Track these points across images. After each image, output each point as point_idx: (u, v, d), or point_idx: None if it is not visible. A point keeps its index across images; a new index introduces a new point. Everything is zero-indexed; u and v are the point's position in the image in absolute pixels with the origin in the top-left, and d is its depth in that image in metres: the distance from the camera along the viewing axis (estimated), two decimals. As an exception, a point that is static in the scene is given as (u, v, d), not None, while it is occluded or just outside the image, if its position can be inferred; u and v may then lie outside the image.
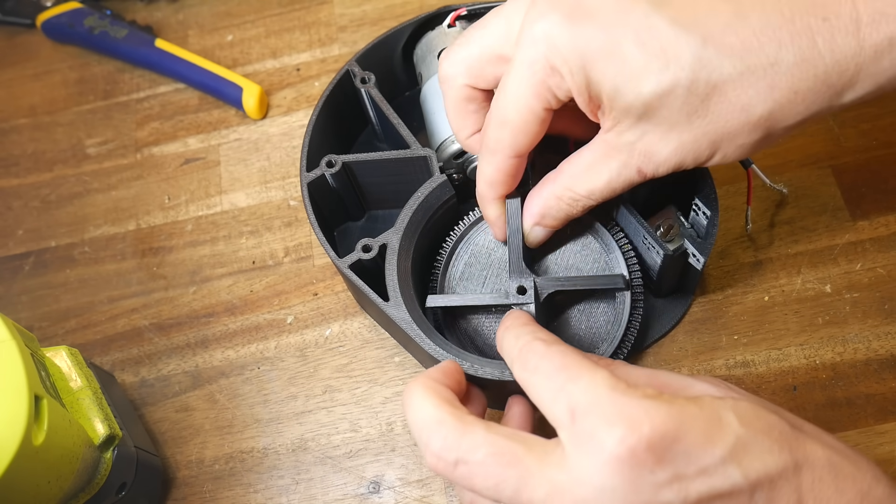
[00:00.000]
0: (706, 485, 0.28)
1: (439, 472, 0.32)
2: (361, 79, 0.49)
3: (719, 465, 0.28)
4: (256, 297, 0.52)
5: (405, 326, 0.41)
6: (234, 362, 0.50)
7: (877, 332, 0.46)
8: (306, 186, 0.46)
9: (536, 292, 0.42)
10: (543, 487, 0.29)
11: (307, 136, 0.48)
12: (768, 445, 0.29)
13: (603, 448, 0.28)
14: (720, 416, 0.29)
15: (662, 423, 0.28)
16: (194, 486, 0.47)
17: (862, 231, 0.49)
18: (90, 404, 0.42)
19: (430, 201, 0.45)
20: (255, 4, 0.63)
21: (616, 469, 0.28)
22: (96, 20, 0.61)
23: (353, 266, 0.43)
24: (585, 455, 0.29)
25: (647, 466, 0.28)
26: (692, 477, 0.28)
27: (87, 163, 0.58)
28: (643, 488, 0.28)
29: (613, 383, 0.30)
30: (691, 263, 0.43)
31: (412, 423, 0.33)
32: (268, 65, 0.61)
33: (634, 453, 0.28)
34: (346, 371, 0.49)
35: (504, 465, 0.30)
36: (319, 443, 0.47)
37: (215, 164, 0.57)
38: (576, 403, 0.30)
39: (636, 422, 0.28)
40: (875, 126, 0.53)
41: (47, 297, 0.54)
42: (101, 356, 0.51)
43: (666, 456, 0.28)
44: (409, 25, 0.51)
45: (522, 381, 0.33)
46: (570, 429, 0.30)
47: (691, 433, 0.29)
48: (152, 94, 0.60)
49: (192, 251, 0.54)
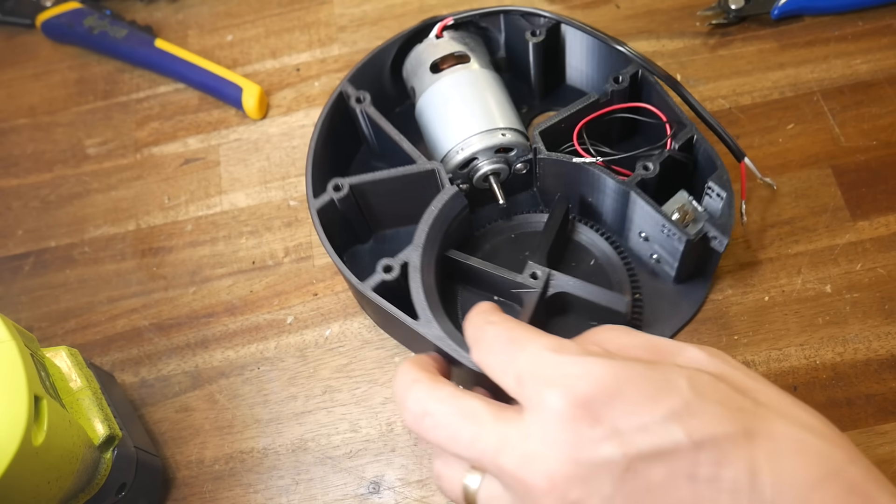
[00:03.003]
0: (646, 441, 0.29)
1: (411, 426, 0.34)
2: (356, 98, 0.49)
3: (660, 423, 0.29)
4: (256, 298, 0.52)
5: (440, 343, 0.40)
6: (234, 362, 0.50)
7: (877, 332, 0.46)
8: (316, 213, 0.45)
9: (546, 285, 0.43)
10: (495, 440, 0.31)
11: (309, 161, 0.47)
12: (718, 413, 0.29)
13: (544, 406, 0.30)
14: (670, 379, 0.30)
15: (600, 379, 0.30)
16: (194, 487, 0.47)
17: (862, 231, 0.49)
18: (90, 405, 0.42)
19: (445, 214, 0.44)
20: (255, 4, 0.63)
21: (557, 425, 0.29)
22: (96, 20, 0.61)
23: (377, 288, 0.43)
24: (533, 414, 0.30)
25: (585, 421, 0.29)
26: (630, 433, 0.29)
27: (87, 163, 0.58)
28: (583, 443, 0.29)
29: (556, 346, 0.32)
30: (713, 247, 0.44)
31: (395, 390, 0.35)
32: (268, 65, 0.61)
33: (572, 409, 0.29)
34: (345, 371, 0.49)
35: (463, 417, 0.32)
36: (319, 443, 0.47)
37: (215, 164, 0.57)
38: (521, 370, 0.32)
39: (573, 379, 0.30)
40: (875, 126, 0.53)
41: (47, 297, 0.54)
42: (101, 356, 0.51)
43: (603, 411, 0.29)
44: (397, 41, 0.51)
45: (479, 363, 0.35)
46: (520, 394, 0.31)
47: (632, 391, 0.29)
48: (152, 94, 0.60)
49: (192, 251, 0.54)
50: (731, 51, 0.57)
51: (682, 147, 0.46)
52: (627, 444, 0.29)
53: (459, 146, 0.47)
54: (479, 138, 0.47)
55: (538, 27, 0.50)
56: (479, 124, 0.47)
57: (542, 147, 0.47)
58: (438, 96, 0.48)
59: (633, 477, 0.29)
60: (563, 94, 0.55)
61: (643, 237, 0.47)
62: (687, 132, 0.45)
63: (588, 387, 0.29)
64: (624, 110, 0.48)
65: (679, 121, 0.46)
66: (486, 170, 0.47)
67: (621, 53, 0.47)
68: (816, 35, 0.56)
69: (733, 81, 0.55)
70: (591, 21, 0.59)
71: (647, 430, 0.29)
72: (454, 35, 0.51)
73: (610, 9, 0.60)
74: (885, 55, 0.55)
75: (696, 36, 0.58)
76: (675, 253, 0.45)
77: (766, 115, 0.54)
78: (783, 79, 0.55)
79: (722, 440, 0.28)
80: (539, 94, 0.54)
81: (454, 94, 0.48)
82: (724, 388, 0.30)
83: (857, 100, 0.54)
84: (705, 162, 0.46)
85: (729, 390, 0.30)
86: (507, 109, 0.48)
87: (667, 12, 0.59)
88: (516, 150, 0.48)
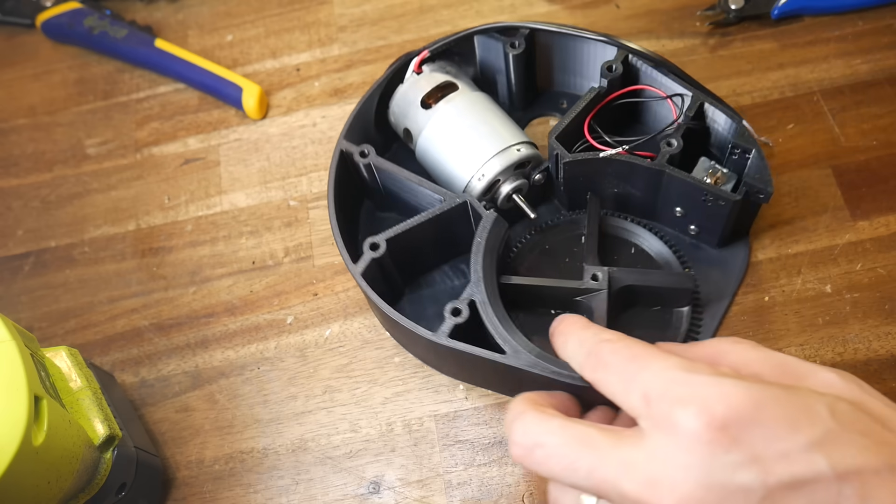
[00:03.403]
0: (787, 470, 0.27)
1: (519, 460, 0.33)
2: (360, 153, 0.47)
3: (803, 452, 0.27)
4: (256, 298, 0.52)
5: (536, 370, 0.39)
6: (234, 362, 0.50)
7: (877, 332, 0.46)
8: (362, 278, 0.44)
9: (610, 282, 0.44)
10: (616, 466, 0.29)
11: (335, 229, 0.45)
12: (862, 443, 0.28)
13: (677, 427, 0.28)
14: (811, 406, 0.28)
15: (739, 402, 0.28)
16: (194, 487, 0.47)
17: (862, 231, 0.49)
18: (90, 404, 0.42)
19: (492, 241, 0.44)
20: (255, 4, 0.63)
21: (689, 448, 0.28)
22: (96, 20, 0.61)
23: (452, 334, 0.41)
24: (661, 436, 0.29)
25: (722, 445, 0.27)
26: (772, 460, 0.27)
27: (87, 163, 0.58)
28: (718, 468, 0.27)
29: (686, 365, 0.30)
30: (757, 201, 0.44)
31: (505, 424, 0.34)
32: (267, 65, 0.61)
33: (708, 432, 0.27)
34: (345, 371, 0.49)
35: (578, 446, 0.31)
36: (319, 443, 0.47)
37: (215, 164, 0.57)
38: (649, 389, 0.30)
39: (710, 400, 0.28)
40: (875, 126, 0.53)
41: (47, 297, 0.54)
42: (101, 356, 0.51)
43: (742, 436, 0.27)
44: (378, 86, 0.50)
45: (595, 382, 0.33)
46: (647, 414, 0.30)
47: (773, 417, 0.28)
48: (152, 94, 0.60)
49: (192, 251, 0.54)
50: (731, 51, 0.57)
51: (694, 116, 0.46)
52: (767, 472, 0.27)
53: (479, 173, 0.46)
54: (497, 160, 0.46)
55: (516, 39, 0.49)
56: (493, 146, 0.46)
57: (564, 150, 0.46)
58: (440, 130, 0.48)
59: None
60: (542, 103, 0.55)
61: (679, 213, 0.47)
62: (695, 100, 0.46)
63: (726, 409, 0.28)
64: (626, 95, 0.49)
65: (680, 93, 0.47)
66: (509, 189, 0.47)
67: (605, 46, 0.48)
68: (816, 35, 0.56)
69: (733, 81, 0.55)
70: (591, 21, 0.59)
71: (788, 459, 0.27)
72: (433, 66, 0.50)
73: (610, 9, 0.60)
74: (885, 55, 0.55)
75: (696, 36, 0.58)
76: (717, 219, 0.46)
77: (766, 115, 0.54)
78: (783, 79, 0.55)
79: (866, 473, 0.27)
80: (521, 105, 0.54)
81: (457, 124, 0.47)
82: (866, 417, 0.29)
83: (857, 100, 0.54)
84: (717, 126, 0.47)
85: (870, 420, 0.29)
86: (511, 125, 0.48)
87: (667, 12, 0.59)
88: (532, 163, 0.48)
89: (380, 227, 0.45)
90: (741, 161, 0.45)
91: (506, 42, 0.49)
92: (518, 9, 0.60)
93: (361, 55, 0.60)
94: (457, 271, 0.50)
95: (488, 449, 0.46)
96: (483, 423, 0.47)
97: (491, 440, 0.46)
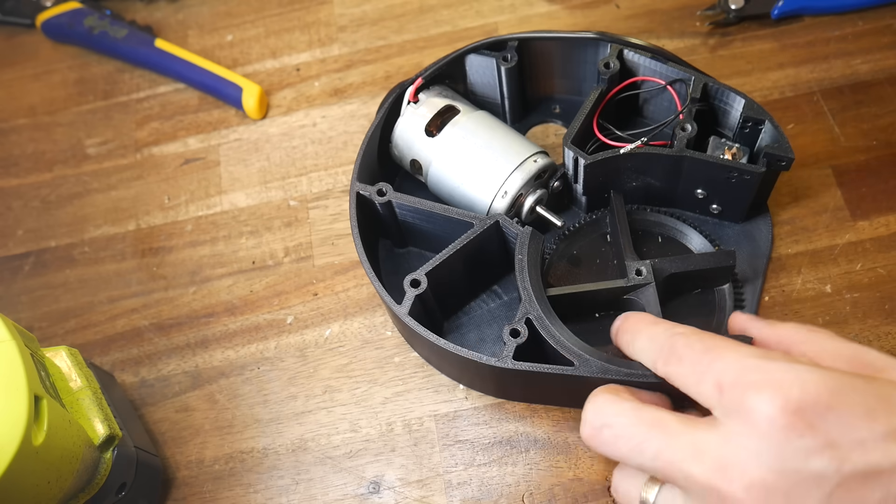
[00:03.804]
0: (863, 458, 0.27)
1: (588, 440, 0.33)
2: (378, 192, 0.46)
3: (880, 441, 0.27)
4: (256, 298, 0.52)
5: (608, 375, 0.39)
6: (234, 362, 0.50)
7: (877, 332, 0.46)
8: (410, 318, 0.43)
9: (655, 274, 0.44)
10: (686, 449, 0.29)
11: (371, 275, 0.45)
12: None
13: (751, 413, 0.28)
14: (889, 396, 0.28)
15: (815, 388, 0.28)
16: (194, 487, 0.47)
17: (862, 231, 0.49)
18: (90, 404, 0.42)
19: (532, 256, 0.44)
20: (255, 4, 0.63)
21: (763, 433, 0.28)
22: (96, 20, 0.61)
23: (517, 356, 0.41)
24: (734, 422, 0.29)
25: (797, 430, 0.27)
26: (847, 448, 0.27)
27: (87, 163, 0.58)
28: (792, 453, 0.27)
29: (761, 353, 0.30)
30: (779, 169, 0.45)
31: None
32: (267, 65, 0.61)
33: (783, 416, 0.27)
34: (345, 371, 0.49)
35: (648, 427, 0.31)
36: (319, 443, 0.47)
37: (215, 164, 0.57)
38: (722, 378, 0.30)
39: (785, 386, 0.28)
40: (875, 126, 0.53)
41: (47, 297, 0.54)
42: (101, 356, 0.51)
43: (818, 422, 0.27)
44: (379, 122, 0.49)
45: (668, 376, 0.33)
46: (720, 402, 0.29)
47: (849, 404, 0.27)
48: (152, 94, 0.60)
49: (192, 251, 0.54)
50: (731, 51, 0.57)
51: (700, 98, 0.46)
52: (843, 460, 0.27)
53: (502, 191, 0.46)
54: (517, 175, 0.46)
55: (507, 53, 0.49)
56: (511, 161, 0.46)
57: (583, 154, 0.46)
58: (452, 156, 0.47)
59: (845, 494, 0.27)
60: (535, 110, 0.55)
61: (700, 195, 0.47)
62: (697, 82, 0.46)
63: (802, 394, 0.27)
64: (628, 88, 0.49)
65: (680, 78, 0.47)
66: (532, 201, 0.47)
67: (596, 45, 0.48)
68: (816, 35, 0.56)
69: (733, 81, 0.55)
70: (591, 21, 0.59)
71: (864, 447, 0.27)
72: (429, 93, 0.49)
73: (610, 9, 0.60)
74: (885, 55, 0.55)
75: (696, 36, 0.58)
76: (741, 194, 0.46)
77: (766, 115, 0.54)
78: (783, 79, 0.55)
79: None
80: (516, 116, 0.54)
81: (467, 147, 0.47)
82: None
83: (857, 100, 0.54)
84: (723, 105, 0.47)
85: None
86: (520, 138, 0.48)
87: (667, 12, 0.59)
88: (548, 172, 0.48)
89: (402, 263, 0.45)
90: (753, 134, 0.45)
91: (497, 57, 0.49)
92: (518, 9, 0.60)
93: (361, 55, 0.60)
94: (490, 294, 0.49)
95: (488, 449, 0.46)
96: (483, 423, 0.47)
97: (491, 440, 0.46)
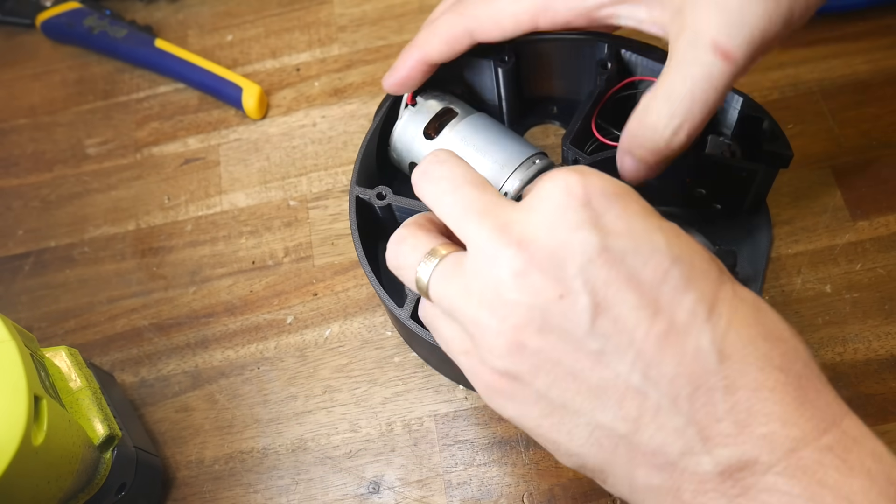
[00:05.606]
0: (628, 243, 0.29)
1: (415, 183, 0.35)
2: (378, 195, 0.46)
3: (645, 231, 0.29)
4: (256, 298, 0.52)
5: None
6: (233, 362, 0.50)
7: (877, 332, 0.46)
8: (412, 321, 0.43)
9: None
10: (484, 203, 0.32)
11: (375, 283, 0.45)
12: (702, 253, 0.30)
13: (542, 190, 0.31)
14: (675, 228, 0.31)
15: (602, 182, 0.31)
16: (194, 487, 0.47)
17: (862, 231, 0.49)
18: (90, 404, 0.42)
19: None
20: (255, 4, 0.63)
21: (549, 206, 0.30)
22: (96, 20, 0.61)
23: None
24: (530, 200, 0.31)
25: (574, 206, 0.30)
26: (615, 234, 0.29)
27: (87, 163, 0.58)
28: (565, 222, 0.30)
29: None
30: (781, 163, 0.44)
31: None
32: (267, 65, 0.61)
33: (566, 195, 0.30)
34: (345, 371, 0.49)
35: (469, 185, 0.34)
36: (319, 443, 0.47)
37: (215, 164, 0.57)
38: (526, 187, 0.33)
39: (579, 174, 0.31)
40: (875, 126, 0.53)
41: (47, 297, 0.54)
42: (101, 356, 0.51)
43: (595, 204, 0.30)
44: (378, 125, 0.48)
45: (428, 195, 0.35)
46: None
47: (631, 201, 0.30)
48: (152, 94, 0.61)
49: (192, 251, 0.54)
50: (731, 51, 0.57)
51: None
52: (606, 236, 0.29)
53: (501, 192, 0.46)
54: (516, 177, 0.46)
55: (505, 54, 0.49)
56: (510, 163, 0.46)
57: (583, 154, 0.46)
58: None
59: (602, 266, 0.29)
60: (532, 111, 0.54)
61: (699, 194, 0.47)
62: None
63: (591, 184, 0.30)
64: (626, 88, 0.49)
65: None
66: None
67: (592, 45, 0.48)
68: (816, 35, 0.56)
69: (733, 81, 0.55)
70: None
71: (632, 233, 0.29)
72: (426, 95, 0.49)
73: (610, 9, 0.60)
74: (885, 55, 0.55)
75: (696, 36, 0.58)
76: (741, 192, 0.46)
77: (766, 115, 0.54)
78: (783, 79, 0.55)
79: (697, 266, 0.29)
80: (513, 117, 0.53)
81: (468, 147, 0.47)
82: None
83: (857, 100, 0.54)
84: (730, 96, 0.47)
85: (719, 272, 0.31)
86: (518, 139, 0.48)
87: (667, 12, 0.59)
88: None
89: None
90: (752, 131, 0.45)
91: (495, 58, 0.49)
92: (518, 9, 0.60)
93: (361, 55, 0.60)
94: None
95: (488, 449, 0.46)
96: (483, 423, 0.47)
97: (491, 440, 0.46)
